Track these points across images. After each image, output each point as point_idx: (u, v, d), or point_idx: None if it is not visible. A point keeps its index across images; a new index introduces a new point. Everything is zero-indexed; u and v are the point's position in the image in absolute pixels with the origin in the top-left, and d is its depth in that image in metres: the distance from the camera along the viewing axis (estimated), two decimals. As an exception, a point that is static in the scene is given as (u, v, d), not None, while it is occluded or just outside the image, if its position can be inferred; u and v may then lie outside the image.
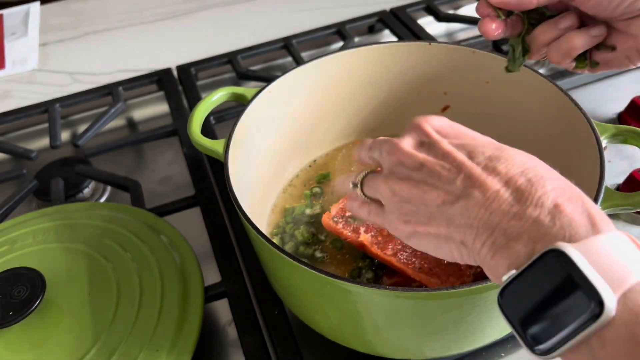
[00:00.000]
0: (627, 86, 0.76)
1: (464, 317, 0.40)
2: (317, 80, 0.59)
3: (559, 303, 0.26)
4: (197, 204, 0.65)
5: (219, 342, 0.54)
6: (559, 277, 0.27)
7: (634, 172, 0.60)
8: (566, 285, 0.26)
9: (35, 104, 0.81)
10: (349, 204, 0.43)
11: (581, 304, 0.26)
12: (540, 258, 0.27)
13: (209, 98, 0.56)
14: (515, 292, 0.28)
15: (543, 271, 0.27)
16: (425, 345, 0.44)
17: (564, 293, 0.26)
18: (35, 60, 0.94)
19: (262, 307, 0.53)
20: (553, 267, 0.27)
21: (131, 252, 0.52)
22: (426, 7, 0.94)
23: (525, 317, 0.28)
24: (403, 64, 0.60)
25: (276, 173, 0.60)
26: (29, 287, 0.45)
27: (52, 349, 0.45)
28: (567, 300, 0.26)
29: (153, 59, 0.91)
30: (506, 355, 0.50)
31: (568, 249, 0.27)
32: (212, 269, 0.57)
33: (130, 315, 0.47)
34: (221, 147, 0.50)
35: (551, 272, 0.27)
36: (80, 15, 1.05)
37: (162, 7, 1.05)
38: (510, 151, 0.33)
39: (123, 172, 0.72)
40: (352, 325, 0.44)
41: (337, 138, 0.65)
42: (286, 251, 0.40)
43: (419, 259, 0.47)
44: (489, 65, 0.56)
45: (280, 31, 0.91)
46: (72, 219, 0.57)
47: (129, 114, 0.84)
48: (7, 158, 0.79)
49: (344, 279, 0.38)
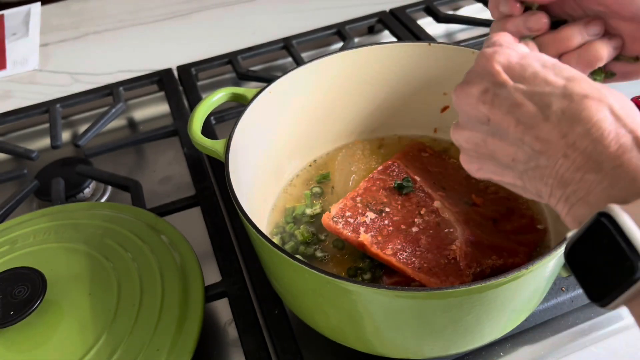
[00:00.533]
0: (627, 86, 0.76)
1: (463, 317, 0.40)
2: (317, 81, 0.59)
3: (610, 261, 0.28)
4: (197, 204, 0.65)
5: (219, 342, 0.54)
6: (608, 240, 0.28)
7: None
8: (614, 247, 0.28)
9: (36, 104, 0.81)
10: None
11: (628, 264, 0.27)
12: (594, 223, 0.29)
13: (209, 98, 0.56)
14: (577, 250, 0.30)
15: (596, 235, 0.29)
16: (425, 345, 0.44)
17: (614, 253, 0.28)
18: (36, 60, 0.94)
19: (262, 306, 0.53)
20: (603, 232, 0.28)
21: (132, 252, 0.52)
22: (426, 8, 0.94)
23: (586, 274, 0.30)
24: (403, 64, 0.60)
25: (276, 173, 0.60)
26: (29, 286, 0.45)
27: (53, 348, 0.46)
28: (616, 259, 0.28)
29: (153, 59, 0.91)
30: (505, 354, 0.50)
31: (618, 211, 0.28)
32: (212, 269, 0.57)
33: (130, 314, 0.47)
34: (221, 147, 0.50)
35: (602, 235, 0.28)
36: (81, 16, 1.05)
37: (162, 7, 1.05)
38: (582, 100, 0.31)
39: (124, 172, 0.72)
40: (352, 325, 0.44)
41: (337, 138, 0.65)
42: (286, 251, 0.40)
43: (419, 259, 0.47)
44: (488, 66, 0.56)
45: (280, 31, 0.91)
46: (72, 219, 0.57)
47: (130, 114, 0.84)
48: (8, 158, 0.79)
49: (344, 278, 0.38)
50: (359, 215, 0.52)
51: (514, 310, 0.44)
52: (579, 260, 0.30)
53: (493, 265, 0.47)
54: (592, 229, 0.29)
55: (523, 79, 0.33)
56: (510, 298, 0.41)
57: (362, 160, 0.62)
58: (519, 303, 0.43)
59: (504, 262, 0.47)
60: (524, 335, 0.51)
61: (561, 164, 0.31)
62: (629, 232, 0.27)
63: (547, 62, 0.34)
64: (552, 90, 0.32)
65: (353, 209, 0.52)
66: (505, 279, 0.37)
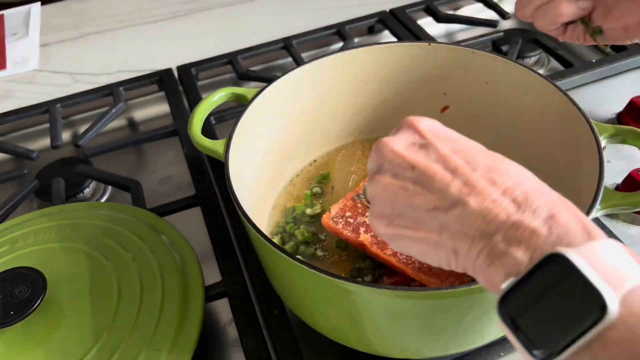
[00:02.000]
0: (627, 86, 0.77)
1: (464, 317, 0.40)
2: (317, 81, 0.59)
3: (562, 307, 0.27)
4: (197, 204, 0.65)
5: (219, 342, 0.54)
6: (561, 282, 0.27)
7: (633, 172, 0.60)
8: (568, 289, 0.26)
9: (36, 104, 0.81)
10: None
11: (584, 307, 0.26)
12: (541, 263, 0.28)
13: (209, 98, 0.56)
14: (515, 298, 0.28)
15: (545, 276, 0.27)
16: (425, 345, 0.44)
17: (567, 297, 0.26)
18: (36, 60, 0.94)
19: (262, 307, 0.53)
20: (555, 272, 0.27)
21: (132, 251, 0.52)
22: (426, 8, 0.94)
23: (527, 323, 0.28)
24: (403, 64, 0.60)
25: (276, 173, 0.60)
26: (29, 286, 0.45)
27: (53, 348, 0.46)
28: (570, 304, 0.26)
29: (154, 59, 0.91)
30: (505, 354, 0.50)
31: (569, 253, 0.27)
32: (212, 269, 0.57)
33: (130, 314, 0.47)
34: (221, 147, 0.50)
35: (553, 276, 0.27)
36: (81, 16, 1.05)
37: (162, 7, 1.05)
38: (503, 161, 0.33)
39: (124, 172, 0.72)
40: (352, 325, 0.44)
41: (337, 138, 0.65)
42: (286, 251, 0.40)
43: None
44: (488, 66, 0.56)
45: (280, 31, 0.91)
46: (73, 219, 0.57)
47: (130, 114, 0.84)
48: (8, 158, 0.79)
49: (344, 278, 0.38)
50: (359, 215, 0.52)
51: (514, 310, 0.44)
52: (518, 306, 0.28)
53: (493, 265, 0.47)
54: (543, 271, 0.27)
55: (448, 140, 0.34)
56: (510, 298, 0.41)
57: (362, 160, 0.62)
58: (519, 303, 0.43)
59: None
60: (524, 335, 0.51)
61: (491, 209, 0.30)
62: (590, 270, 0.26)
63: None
64: (476, 153, 0.33)
65: (353, 209, 0.52)
66: (505, 278, 0.37)
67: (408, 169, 0.34)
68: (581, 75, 0.76)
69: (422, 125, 0.35)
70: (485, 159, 0.33)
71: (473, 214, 0.31)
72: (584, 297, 0.26)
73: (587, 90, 0.77)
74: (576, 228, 0.29)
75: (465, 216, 0.31)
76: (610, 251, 0.27)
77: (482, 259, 0.30)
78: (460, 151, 0.33)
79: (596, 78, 0.78)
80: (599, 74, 0.77)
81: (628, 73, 0.78)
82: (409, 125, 0.36)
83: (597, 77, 0.77)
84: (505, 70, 0.55)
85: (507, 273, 0.29)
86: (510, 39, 0.84)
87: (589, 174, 0.44)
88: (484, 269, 0.30)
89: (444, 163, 0.33)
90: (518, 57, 0.82)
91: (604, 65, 0.77)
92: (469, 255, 0.31)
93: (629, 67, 0.79)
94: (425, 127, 0.35)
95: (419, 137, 0.35)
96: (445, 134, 0.35)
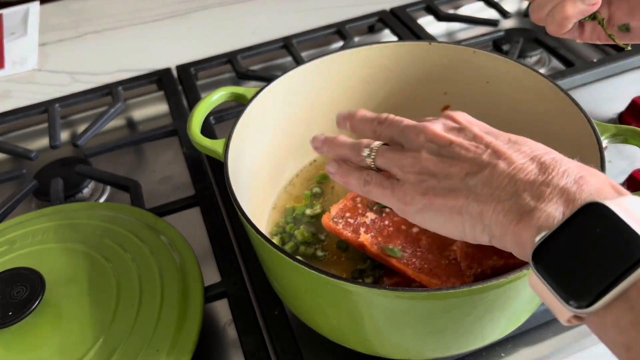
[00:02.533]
0: (628, 86, 0.76)
1: (464, 318, 0.40)
2: (317, 80, 0.59)
3: (600, 254, 0.27)
4: (197, 204, 0.65)
5: (219, 342, 0.53)
6: (600, 229, 0.27)
7: (634, 172, 0.60)
8: (607, 235, 0.27)
9: (34, 104, 0.81)
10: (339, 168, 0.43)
11: (622, 252, 0.26)
12: (576, 213, 0.28)
13: (208, 98, 0.55)
14: (550, 250, 0.29)
15: (582, 225, 0.28)
16: (426, 346, 0.44)
17: (605, 243, 0.27)
18: (34, 60, 0.94)
19: (262, 307, 0.53)
20: (592, 220, 0.28)
21: (131, 252, 0.52)
22: (426, 7, 0.94)
23: (563, 272, 0.28)
24: (403, 63, 0.60)
25: (276, 173, 0.60)
26: (28, 287, 0.45)
27: (52, 349, 0.45)
28: (608, 250, 0.27)
29: (153, 58, 0.91)
30: (506, 355, 0.50)
31: (607, 202, 0.28)
32: (212, 269, 0.57)
33: (130, 315, 0.47)
34: (221, 147, 0.50)
35: (590, 225, 0.28)
36: (79, 15, 1.05)
37: (162, 7, 1.05)
38: (530, 140, 0.36)
39: (123, 172, 0.72)
40: (352, 326, 0.44)
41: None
42: (286, 251, 0.40)
43: (419, 260, 0.47)
44: (489, 65, 0.56)
45: (280, 31, 0.91)
46: (71, 219, 0.57)
47: (129, 113, 0.84)
48: (6, 158, 0.79)
49: (344, 279, 0.38)
50: (359, 215, 0.51)
51: (515, 310, 0.44)
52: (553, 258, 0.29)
53: (494, 266, 0.47)
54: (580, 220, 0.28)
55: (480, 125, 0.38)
56: (511, 299, 0.41)
57: (362, 160, 0.62)
58: (520, 304, 0.43)
59: (505, 263, 0.47)
60: (525, 336, 0.51)
61: (518, 169, 0.32)
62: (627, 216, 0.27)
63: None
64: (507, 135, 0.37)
65: (353, 210, 0.52)
66: (506, 279, 0.37)
67: (446, 145, 0.37)
68: (582, 75, 0.76)
69: (458, 115, 0.39)
70: (516, 138, 0.36)
71: (501, 175, 0.33)
72: (622, 242, 0.27)
73: (588, 89, 0.76)
74: (606, 186, 0.30)
75: (493, 177, 0.33)
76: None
77: (509, 217, 0.31)
78: (491, 132, 0.37)
79: (597, 78, 0.77)
80: (600, 74, 0.77)
81: (629, 73, 0.78)
82: (446, 116, 0.40)
83: (599, 76, 0.77)
84: (506, 69, 0.55)
85: (538, 227, 0.30)
86: (511, 38, 0.84)
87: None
88: (511, 228, 0.31)
89: (478, 140, 0.36)
90: (519, 57, 0.82)
91: (606, 64, 0.77)
92: (495, 215, 0.32)
93: (631, 67, 0.79)
94: (460, 116, 0.39)
95: (456, 123, 0.38)
96: (477, 122, 0.39)
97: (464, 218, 0.34)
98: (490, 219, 0.33)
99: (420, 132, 0.38)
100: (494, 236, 0.33)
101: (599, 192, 0.30)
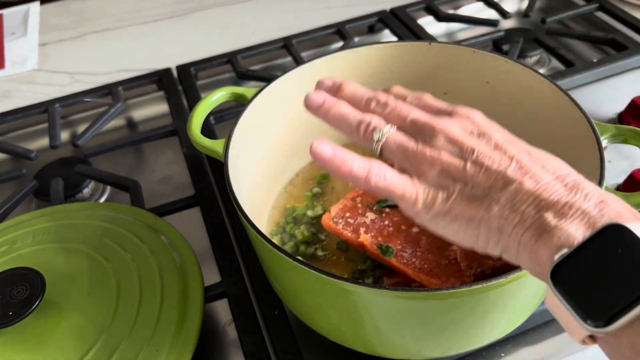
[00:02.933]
0: (627, 86, 0.76)
1: (464, 318, 0.40)
2: (317, 80, 0.59)
3: (620, 274, 0.27)
4: (197, 204, 0.65)
5: (219, 342, 0.53)
6: (621, 249, 0.28)
7: (634, 172, 0.60)
8: (628, 255, 0.27)
9: (35, 104, 0.81)
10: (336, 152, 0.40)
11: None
12: (599, 233, 0.29)
13: (208, 98, 0.55)
14: (570, 268, 0.29)
15: (603, 245, 0.28)
16: (425, 346, 0.44)
17: (626, 264, 0.27)
18: (34, 60, 0.94)
19: (262, 307, 0.53)
20: (614, 241, 0.28)
21: (131, 252, 0.52)
22: (426, 7, 0.94)
23: (582, 291, 0.28)
24: (403, 63, 0.60)
25: (276, 172, 0.60)
26: (28, 287, 0.45)
27: (52, 349, 0.45)
28: (628, 270, 0.27)
29: (153, 58, 0.91)
30: (506, 355, 0.50)
31: (629, 224, 0.28)
32: (212, 269, 0.57)
33: (130, 315, 0.47)
34: (221, 147, 0.50)
35: (612, 245, 0.28)
36: (80, 15, 1.05)
37: (162, 7, 1.05)
38: (549, 154, 0.35)
39: (123, 172, 0.72)
40: (352, 326, 0.44)
41: (337, 138, 0.64)
42: (286, 251, 0.40)
43: (419, 260, 0.47)
44: (489, 65, 0.56)
45: (280, 31, 0.91)
46: (71, 219, 0.57)
47: (129, 113, 0.84)
48: (6, 158, 0.79)
49: (344, 279, 0.38)
50: (359, 215, 0.51)
51: (515, 310, 0.44)
52: (571, 277, 0.29)
53: (494, 266, 0.47)
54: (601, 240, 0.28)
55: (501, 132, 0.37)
56: (511, 299, 0.41)
57: (362, 160, 0.62)
58: (520, 304, 0.43)
59: (505, 263, 0.47)
60: (525, 335, 0.51)
61: (544, 190, 0.32)
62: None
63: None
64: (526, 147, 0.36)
65: (353, 210, 0.52)
66: (506, 279, 0.37)
67: (469, 151, 0.35)
68: (582, 75, 0.76)
69: (476, 117, 0.38)
70: (536, 151, 0.35)
71: (526, 193, 0.32)
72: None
73: (588, 90, 0.76)
74: (626, 210, 0.30)
75: (518, 194, 0.32)
76: None
77: (529, 234, 0.31)
78: (512, 142, 0.36)
79: (597, 78, 0.77)
80: (600, 74, 0.77)
81: (629, 73, 0.78)
82: (463, 116, 0.38)
83: (598, 76, 0.77)
84: (506, 69, 0.55)
85: (558, 246, 0.30)
86: (511, 38, 0.84)
87: (590, 173, 0.44)
88: (530, 245, 0.31)
89: (501, 149, 0.35)
90: (519, 57, 0.82)
91: (605, 64, 0.77)
92: (514, 232, 0.32)
93: (631, 67, 0.79)
94: (478, 118, 0.38)
95: (476, 127, 0.37)
96: (496, 127, 0.38)
97: (480, 230, 0.34)
98: (509, 235, 0.32)
99: (438, 132, 0.36)
100: (507, 251, 0.33)
101: (619, 216, 0.30)
